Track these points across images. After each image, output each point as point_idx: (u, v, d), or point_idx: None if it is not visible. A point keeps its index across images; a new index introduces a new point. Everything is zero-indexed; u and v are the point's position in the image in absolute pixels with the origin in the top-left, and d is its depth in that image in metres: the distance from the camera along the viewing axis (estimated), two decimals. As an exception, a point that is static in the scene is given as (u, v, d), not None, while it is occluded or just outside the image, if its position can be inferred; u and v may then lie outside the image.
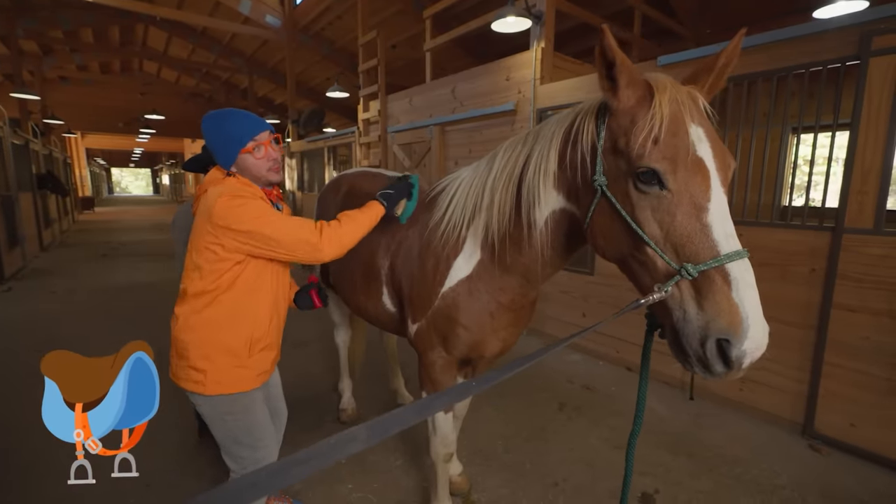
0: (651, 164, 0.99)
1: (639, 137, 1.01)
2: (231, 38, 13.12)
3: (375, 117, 6.44)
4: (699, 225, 0.96)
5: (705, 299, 0.93)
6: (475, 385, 0.76)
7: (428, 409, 0.71)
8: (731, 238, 0.95)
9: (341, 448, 0.56)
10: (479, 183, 1.55)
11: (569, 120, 1.26)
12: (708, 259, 0.94)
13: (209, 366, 1.47)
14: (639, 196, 1.04)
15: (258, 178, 1.53)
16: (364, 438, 0.58)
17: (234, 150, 1.47)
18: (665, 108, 0.99)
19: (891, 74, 2.29)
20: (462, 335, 1.66)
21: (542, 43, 4.09)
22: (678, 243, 0.98)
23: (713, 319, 0.92)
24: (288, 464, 0.52)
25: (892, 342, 2.38)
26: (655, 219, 1.01)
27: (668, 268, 0.99)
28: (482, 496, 2.23)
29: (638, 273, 1.09)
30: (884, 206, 2.37)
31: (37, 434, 2.67)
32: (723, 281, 0.92)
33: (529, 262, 1.46)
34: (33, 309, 5.26)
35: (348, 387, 2.99)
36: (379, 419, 0.63)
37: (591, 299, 3.92)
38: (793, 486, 2.31)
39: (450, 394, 0.73)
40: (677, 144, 0.99)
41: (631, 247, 1.07)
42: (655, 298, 0.98)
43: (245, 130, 1.48)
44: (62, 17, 10.98)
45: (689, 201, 0.98)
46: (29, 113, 12.39)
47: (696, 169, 0.99)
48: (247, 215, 1.38)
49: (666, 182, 0.99)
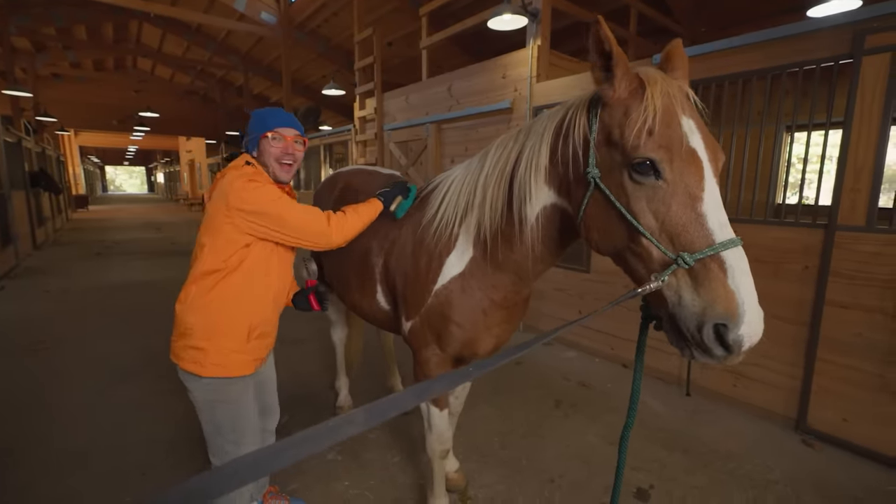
0: (648, 154, 1.00)
1: (633, 129, 1.02)
2: (226, 36, 13.05)
3: (372, 115, 6.43)
4: (694, 214, 0.98)
5: (701, 287, 0.95)
6: (472, 370, 0.76)
7: (427, 393, 0.70)
8: (725, 227, 0.97)
9: (339, 431, 0.55)
10: (471, 180, 1.55)
11: (560, 115, 1.27)
12: (703, 248, 0.95)
13: (210, 346, 1.50)
14: (634, 187, 1.04)
15: (269, 165, 1.60)
16: (361, 421, 0.58)
17: (257, 133, 1.58)
18: (658, 99, 1.00)
19: (883, 73, 2.31)
20: (455, 332, 1.66)
21: (538, 41, 4.09)
22: (674, 233, 0.99)
23: (710, 306, 0.93)
24: (286, 445, 0.52)
25: (884, 339, 2.41)
26: (651, 209, 1.02)
27: (664, 257, 0.99)
28: (479, 492, 2.24)
29: (633, 264, 1.09)
30: (876, 204, 2.39)
31: (35, 433, 2.67)
32: (718, 268, 0.94)
33: (521, 258, 1.46)
34: (27, 308, 5.22)
35: (345, 384, 2.99)
36: (377, 402, 0.63)
37: (586, 296, 3.94)
38: (786, 481, 2.33)
39: (448, 378, 0.73)
40: (671, 135, 1.00)
41: (626, 238, 1.07)
42: (652, 287, 0.99)
43: (274, 121, 1.59)
44: (55, 14, 10.87)
45: (684, 191, 0.99)
46: (21, 110, 12.27)
47: (691, 159, 1.00)
48: (261, 198, 1.46)
49: (662, 172, 1.00)
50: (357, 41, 6.63)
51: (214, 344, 1.51)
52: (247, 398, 1.63)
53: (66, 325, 4.61)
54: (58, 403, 3.00)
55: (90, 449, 2.51)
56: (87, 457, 2.45)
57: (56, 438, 2.61)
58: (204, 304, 1.50)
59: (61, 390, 3.19)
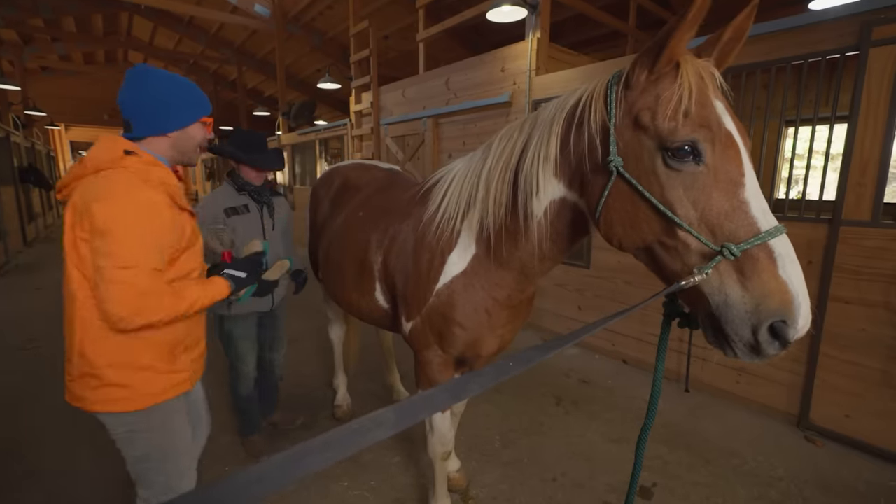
0: (689, 135, 0.92)
1: (668, 110, 0.94)
2: (219, 28, 12.83)
3: (368, 109, 6.34)
4: (737, 202, 0.91)
5: (750, 280, 0.88)
6: (513, 366, 0.70)
7: (464, 391, 0.65)
8: (769, 214, 0.90)
9: (366, 434, 0.49)
10: (473, 174, 1.48)
11: (572, 101, 1.18)
12: (748, 237, 0.88)
13: (132, 380, 1.29)
14: (669, 174, 0.96)
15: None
16: (392, 422, 0.52)
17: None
18: (692, 78, 0.94)
19: (890, 65, 2.27)
20: (458, 333, 1.60)
21: (537, 33, 4.03)
22: (715, 223, 0.91)
23: (762, 301, 0.86)
24: (301, 453, 0.46)
25: (887, 334, 2.39)
26: (689, 198, 0.94)
27: (706, 249, 0.92)
28: (481, 492, 2.21)
29: (665, 260, 1.00)
30: (881, 198, 2.37)
31: (31, 430, 2.61)
32: (767, 259, 0.87)
33: (526, 255, 1.40)
34: (18, 306, 5.13)
35: (343, 383, 2.94)
36: (408, 400, 0.58)
37: (586, 292, 3.90)
38: (789, 477, 2.32)
39: (487, 374, 0.67)
40: (708, 116, 0.94)
41: (659, 232, 0.99)
42: (697, 281, 0.91)
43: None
44: (43, 5, 10.63)
45: (725, 177, 0.92)
46: (10, 104, 12.04)
47: (729, 142, 0.94)
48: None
49: (703, 155, 0.92)
50: (352, 34, 6.52)
51: (137, 375, 1.29)
52: (179, 420, 1.43)
53: (57, 324, 4.52)
54: (51, 403, 2.94)
55: (81, 445, 2.46)
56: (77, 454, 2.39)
57: (49, 436, 2.55)
58: (106, 329, 1.24)
59: (54, 390, 3.12)
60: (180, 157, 1.40)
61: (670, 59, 0.96)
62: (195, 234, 1.43)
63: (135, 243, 1.18)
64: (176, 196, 1.33)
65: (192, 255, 1.40)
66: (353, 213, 2.13)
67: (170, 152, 1.36)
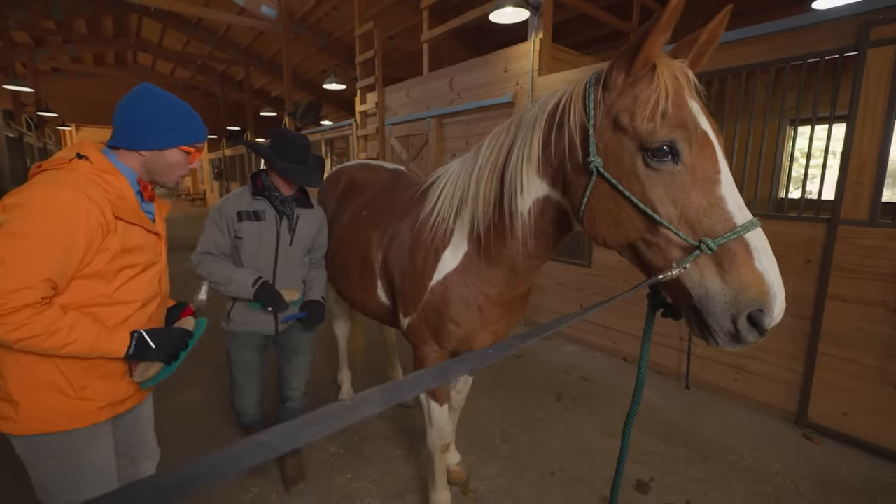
0: (667, 136, 0.96)
1: (646, 111, 0.98)
2: (226, 30, 12.99)
3: (373, 109, 6.40)
4: (714, 198, 0.95)
5: (728, 273, 0.92)
6: (492, 353, 0.74)
7: (448, 373, 0.69)
8: (744, 209, 0.95)
9: (356, 410, 0.56)
10: (465, 174, 1.52)
11: (552, 103, 1.21)
12: (725, 232, 0.93)
13: (24, 398, 1.13)
14: (649, 174, 0.99)
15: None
16: (378, 400, 0.58)
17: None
18: (668, 80, 0.97)
19: (888, 65, 2.29)
20: (452, 329, 1.65)
21: (540, 34, 4.06)
22: (694, 219, 0.96)
23: (741, 292, 0.91)
24: (302, 424, 0.51)
25: (885, 332, 2.41)
26: (669, 196, 0.98)
27: (685, 244, 0.96)
28: (480, 485, 2.26)
29: (648, 256, 1.04)
30: (879, 198, 2.38)
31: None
32: (744, 251, 0.92)
33: (513, 253, 1.44)
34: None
35: (347, 378, 3.00)
36: (396, 382, 0.63)
37: (586, 291, 3.94)
38: (786, 473, 2.35)
39: (469, 359, 0.72)
40: (685, 117, 0.97)
41: (642, 229, 1.02)
42: (674, 274, 0.96)
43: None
44: (55, 8, 10.83)
45: (702, 175, 0.96)
46: (23, 105, 12.26)
47: (705, 141, 0.98)
48: None
49: (681, 154, 0.96)
50: (357, 35, 6.59)
51: (32, 396, 1.14)
52: (93, 452, 1.25)
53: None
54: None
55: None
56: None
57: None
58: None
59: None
60: (150, 176, 1.33)
61: (646, 62, 1.00)
62: (153, 253, 1.33)
63: (29, 237, 1.03)
64: (122, 209, 1.19)
65: (137, 279, 1.26)
66: (357, 212, 2.18)
67: (140, 168, 1.31)
